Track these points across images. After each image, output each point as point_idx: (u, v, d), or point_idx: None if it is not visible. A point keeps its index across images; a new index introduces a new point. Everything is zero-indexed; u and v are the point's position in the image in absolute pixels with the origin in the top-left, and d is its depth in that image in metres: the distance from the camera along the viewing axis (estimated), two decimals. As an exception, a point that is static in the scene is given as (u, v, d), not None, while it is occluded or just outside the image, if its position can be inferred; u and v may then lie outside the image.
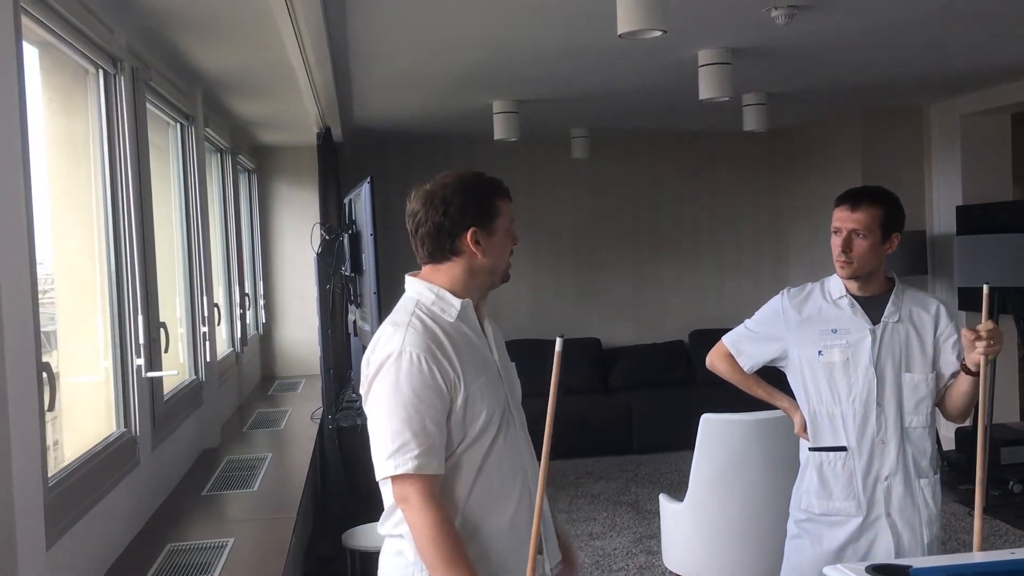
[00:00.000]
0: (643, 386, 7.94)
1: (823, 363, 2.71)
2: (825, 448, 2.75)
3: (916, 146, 7.22)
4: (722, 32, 4.39)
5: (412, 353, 1.97)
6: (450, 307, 2.09)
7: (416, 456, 1.93)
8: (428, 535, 1.93)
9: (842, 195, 2.74)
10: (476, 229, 2.09)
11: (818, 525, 2.76)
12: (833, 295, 2.76)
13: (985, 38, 4.82)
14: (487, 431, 2.06)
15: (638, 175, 8.31)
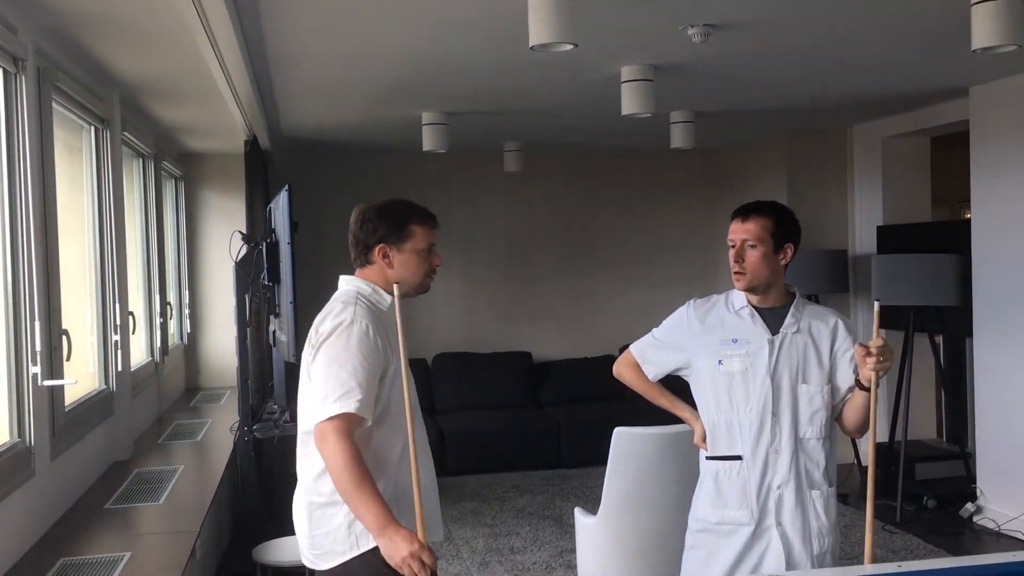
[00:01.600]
0: (573, 400, 7.95)
1: (723, 372, 2.75)
2: (721, 457, 2.78)
3: (840, 167, 7.38)
4: (642, 49, 4.43)
5: (363, 323, 2.40)
6: (383, 300, 2.53)
7: (358, 400, 2.32)
8: (341, 463, 2.27)
9: (735, 209, 2.79)
10: (384, 246, 2.53)
11: (713, 535, 2.79)
12: (735, 306, 2.80)
13: (902, 62, 4.95)
14: (408, 403, 2.41)
15: (572, 190, 8.36)
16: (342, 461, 2.27)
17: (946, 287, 5.80)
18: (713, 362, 2.76)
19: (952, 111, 6.11)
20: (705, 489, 2.82)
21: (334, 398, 2.31)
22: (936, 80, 5.49)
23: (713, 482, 2.78)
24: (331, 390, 2.32)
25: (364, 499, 2.26)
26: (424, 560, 2.25)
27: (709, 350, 2.77)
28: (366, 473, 2.29)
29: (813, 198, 7.35)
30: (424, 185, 8.08)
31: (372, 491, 2.28)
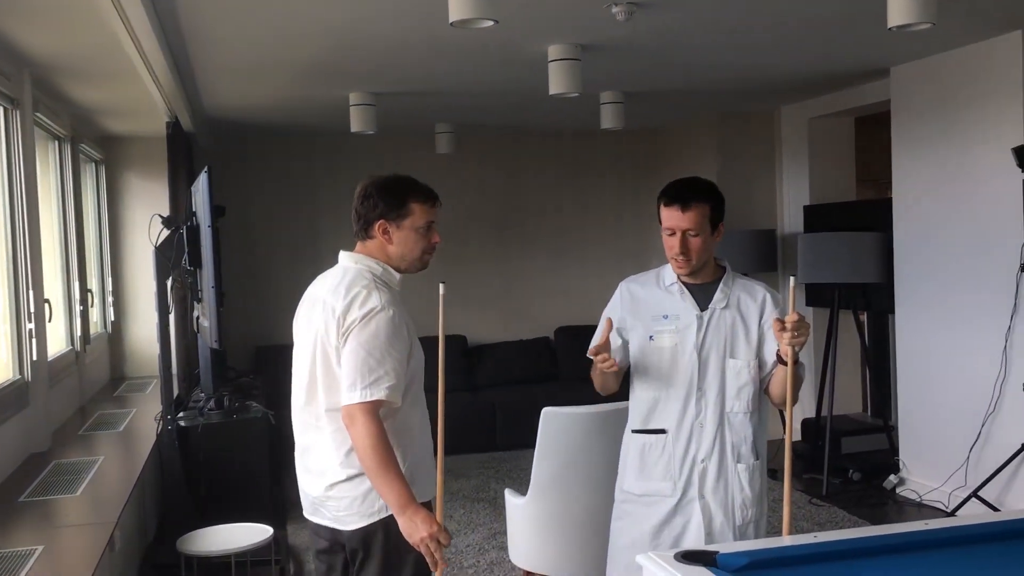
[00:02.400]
0: (508, 383, 7.95)
1: (654, 347, 2.78)
2: (647, 431, 2.82)
3: (768, 148, 7.48)
4: (568, 28, 4.41)
5: (390, 310, 2.50)
6: (393, 277, 2.63)
7: (388, 387, 2.44)
8: (369, 444, 2.40)
9: (669, 194, 2.74)
10: (384, 222, 2.60)
11: (637, 506, 2.84)
12: (666, 282, 2.82)
13: (826, 43, 5.01)
14: (422, 381, 2.63)
15: (505, 172, 8.32)
16: (370, 443, 2.41)
17: (869, 265, 5.92)
18: (645, 337, 2.80)
19: (875, 91, 6.22)
20: (631, 461, 2.86)
21: (363, 384, 2.43)
22: (859, 60, 5.57)
23: (639, 455, 2.83)
24: (361, 376, 2.44)
25: (388, 480, 2.41)
26: (441, 541, 2.40)
27: (643, 325, 2.81)
28: (391, 454, 2.43)
29: (742, 179, 7.44)
30: (355, 167, 7.96)
31: (395, 472, 2.42)
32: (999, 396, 5.03)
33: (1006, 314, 4.95)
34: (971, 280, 5.21)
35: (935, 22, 3.46)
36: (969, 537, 2.46)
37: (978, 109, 5.13)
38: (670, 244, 2.73)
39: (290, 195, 7.89)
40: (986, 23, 4.72)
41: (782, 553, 2.37)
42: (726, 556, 2.31)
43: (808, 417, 6.73)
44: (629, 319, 2.84)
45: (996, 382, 5.03)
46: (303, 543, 5.20)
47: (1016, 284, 4.87)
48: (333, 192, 7.95)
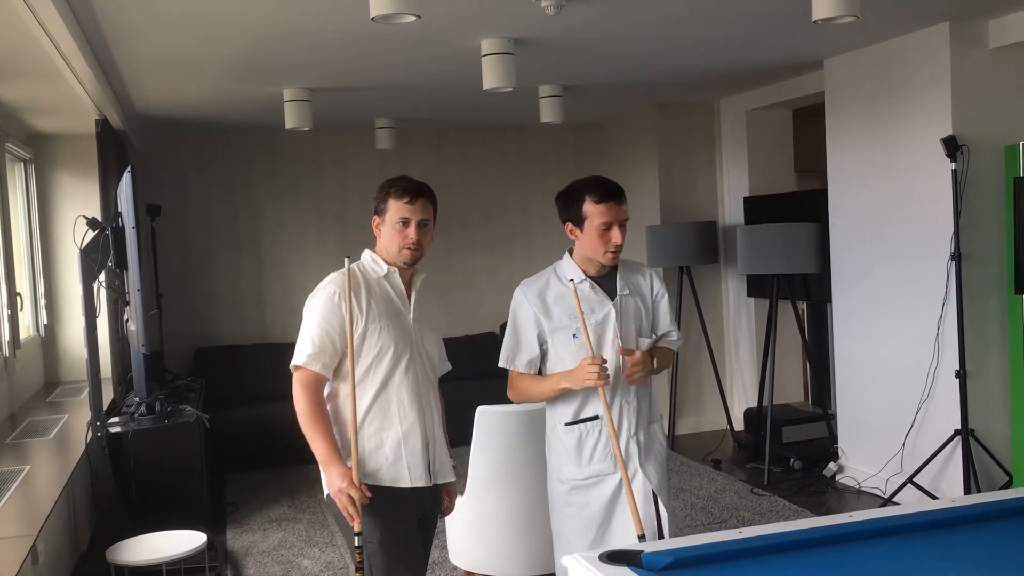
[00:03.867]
0: (453, 378, 7.84)
1: (578, 344, 2.87)
2: (581, 420, 2.93)
3: (708, 140, 7.51)
4: (499, 22, 4.37)
5: (331, 288, 2.77)
6: (379, 268, 2.86)
7: (308, 355, 2.72)
8: (301, 408, 2.71)
9: (601, 191, 2.89)
10: (376, 216, 2.88)
11: (583, 490, 2.94)
12: (575, 279, 2.91)
13: (760, 36, 5.03)
14: (384, 361, 2.76)
15: (447, 167, 8.25)
16: (302, 407, 2.71)
17: (807, 255, 5.98)
18: (567, 335, 2.88)
19: (810, 83, 6.27)
20: (567, 452, 2.95)
21: (296, 353, 2.75)
22: (793, 53, 5.61)
23: (576, 444, 2.93)
24: (297, 347, 2.76)
25: (313, 437, 2.69)
26: (352, 495, 2.63)
27: (562, 325, 2.89)
28: (320, 416, 2.71)
29: (684, 171, 7.46)
30: (295, 163, 7.87)
31: (322, 432, 2.69)
32: (932, 383, 5.11)
33: (938, 303, 5.03)
34: (904, 269, 5.28)
35: (859, 15, 3.48)
36: (891, 528, 2.47)
37: (909, 100, 5.19)
38: (608, 237, 2.87)
39: (229, 193, 7.75)
40: (914, 15, 4.77)
41: (707, 551, 2.36)
42: (650, 556, 2.30)
43: (750, 407, 6.78)
44: (546, 322, 2.91)
45: (929, 370, 5.11)
46: (243, 548, 5.12)
47: (947, 273, 4.95)
48: (273, 189, 7.83)
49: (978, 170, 4.85)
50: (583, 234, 2.89)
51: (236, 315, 7.74)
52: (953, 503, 2.63)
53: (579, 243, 2.93)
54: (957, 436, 4.91)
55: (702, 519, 5.25)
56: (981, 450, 4.92)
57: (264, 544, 5.17)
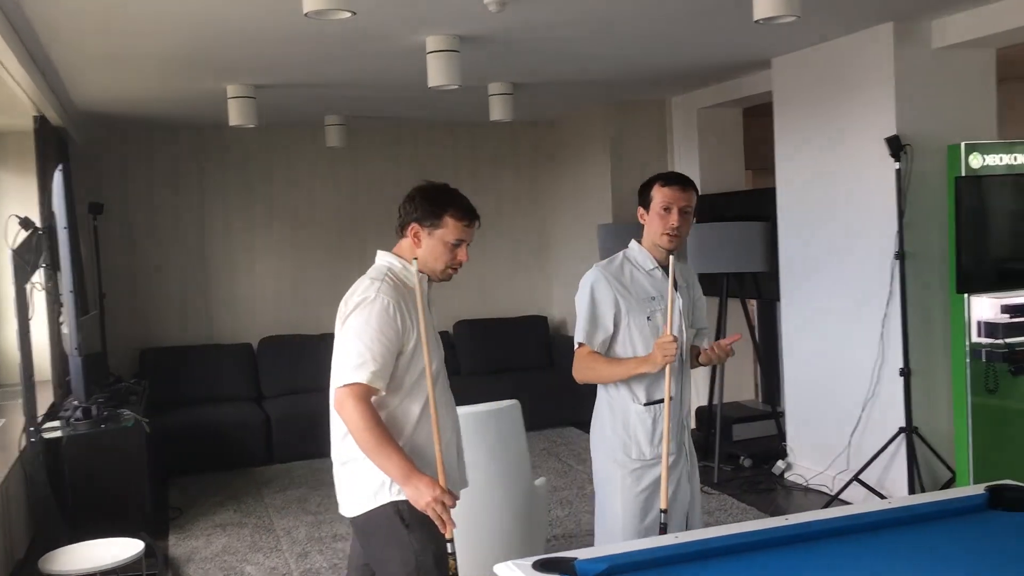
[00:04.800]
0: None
1: (652, 326, 3.03)
2: (656, 401, 3.05)
3: (660, 138, 7.51)
4: (444, 19, 4.32)
5: (384, 299, 2.60)
6: (412, 276, 2.70)
7: (372, 371, 2.55)
8: (362, 425, 2.53)
9: (668, 177, 3.08)
10: (417, 226, 2.71)
11: (651, 469, 3.05)
12: (646, 266, 3.08)
13: (707, 34, 5.02)
14: (438, 376, 2.70)
15: (399, 165, 8.17)
16: (363, 424, 2.53)
17: (756, 254, 5.99)
18: (643, 318, 3.04)
19: (759, 82, 6.29)
20: (644, 431, 3.05)
21: (351, 367, 2.56)
22: (741, 52, 5.62)
23: (652, 423, 3.04)
24: (349, 360, 2.57)
25: (387, 454, 2.53)
26: (445, 502, 2.55)
27: (638, 307, 3.04)
28: (385, 431, 2.56)
29: (636, 169, 7.43)
30: (243, 161, 7.74)
31: (393, 447, 2.55)
32: (877, 381, 5.14)
33: (883, 301, 5.06)
34: (850, 268, 5.32)
35: (799, 15, 3.47)
36: (826, 531, 2.47)
37: (854, 100, 5.22)
38: (667, 220, 3.01)
39: (175, 191, 7.60)
40: (858, 15, 4.79)
41: (641, 556, 2.34)
42: (584, 563, 2.27)
43: (701, 406, 6.80)
44: (623, 303, 3.03)
45: (875, 368, 5.15)
46: (185, 554, 5.02)
47: (892, 272, 4.98)
48: (221, 187, 7.69)
49: (921, 169, 4.89)
50: (648, 216, 3.04)
51: (182, 316, 7.59)
52: (888, 504, 2.64)
53: (645, 227, 3.08)
54: (901, 434, 4.94)
55: (651, 519, 5.24)
56: (925, 447, 4.96)
57: (207, 550, 5.06)
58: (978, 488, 2.70)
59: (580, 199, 7.89)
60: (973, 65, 5.07)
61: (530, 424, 7.58)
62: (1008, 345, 4.56)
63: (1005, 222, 4.86)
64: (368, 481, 2.64)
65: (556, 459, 6.64)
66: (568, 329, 8.36)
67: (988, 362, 4.61)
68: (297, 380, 7.47)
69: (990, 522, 2.55)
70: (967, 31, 4.80)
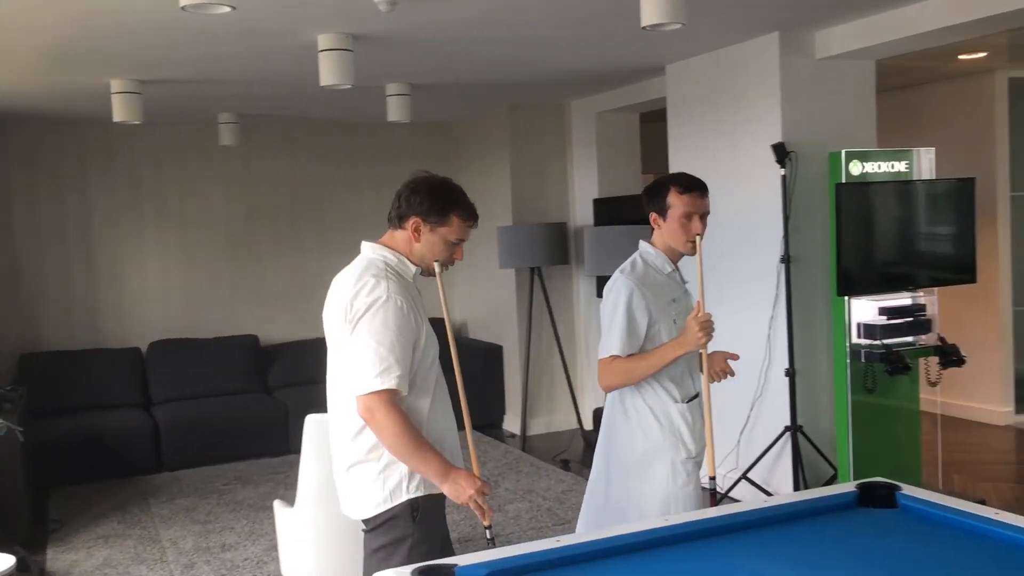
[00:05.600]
0: (305, 383, 7.68)
1: (678, 328, 3.07)
2: (691, 399, 3.15)
3: (560, 142, 7.57)
4: (334, 17, 4.24)
5: (397, 300, 2.56)
6: (408, 270, 2.69)
7: (398, 376, 2.52)
8: (397, 431, 2.51)
9: (686, 183, 3.11)
10: (419, 220, 2.67)
11: (695, 464, 3.13)
12: (665, 270, 3.14)
13: (602, 40, 5.06)
14: (435, 364, 2.70)
15: (297, 165, 8.02)
16: (397, 430, 2.51)
17: (651, 257, 6.07)
18: (670, 321, 3.08)
19: (655, 88, 6.39)
20: (688, 428, 3.10)
21: (375, 374, 2.51)
22: (637, 58, 5.70)
23: (693, 419, 3.12)
24: (371, 366, 2.51)
25: (424, 457, 2.55)
26: (485, 492, 2.61)
27: (665, 311, 3.08)
28: (419, 435, 2.56)
29: (535, 172, 7.50)
30: (131, 159, 7.47)
31: (429, 449, 2.56)
32: (765, 382, 5.28)
33: (770, 303, 5.20)
34: (740, 271, 5.44)
35: (685, 23, 3.53)
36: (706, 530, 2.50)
37: (742, 107, 5.35)
38: (689, 228, 3.06)
39: (59, 188, 7.28)
40: (746, 24, 4.91)
41: (522, 561, 2.32)
42: (465, 569, 2.25)
43: (598, 406, 6.87)
44: (654, 311, 3.06)
45: (762, 368, 5.28)
46: (63, 568, 4.81)
47: (778, 275, 5.12)
48: (107, 186, 7.41)
49: (806, 175, 5.04)
50: (665, 224, 3.07)
51: (66, 319, 7.28)
52: (764, 503, 2.69)
53: (661, 232, 3.10)
54: (787, 432, 5.09)
55: (547, 521, 5.27)
56: (809, 446, 5.11)
57: (88, 563, 4.86)
58: (850, 486, 2.78)
59: (480, 201, 7.74)
60: (854, 75, 5.26)
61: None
62: (885, 346, 4.74)
63: (883, 227, 5.04)
64: (383, 481, 2.62)
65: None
66: (469, 332, 8.35)
67: (867, 362, 4.78)
68: (188, 385, 7.25)
69: (859, 519, 2.63)
70: (848, 42, 4.97)
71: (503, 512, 5.45)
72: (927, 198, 5.07)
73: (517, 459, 6.68)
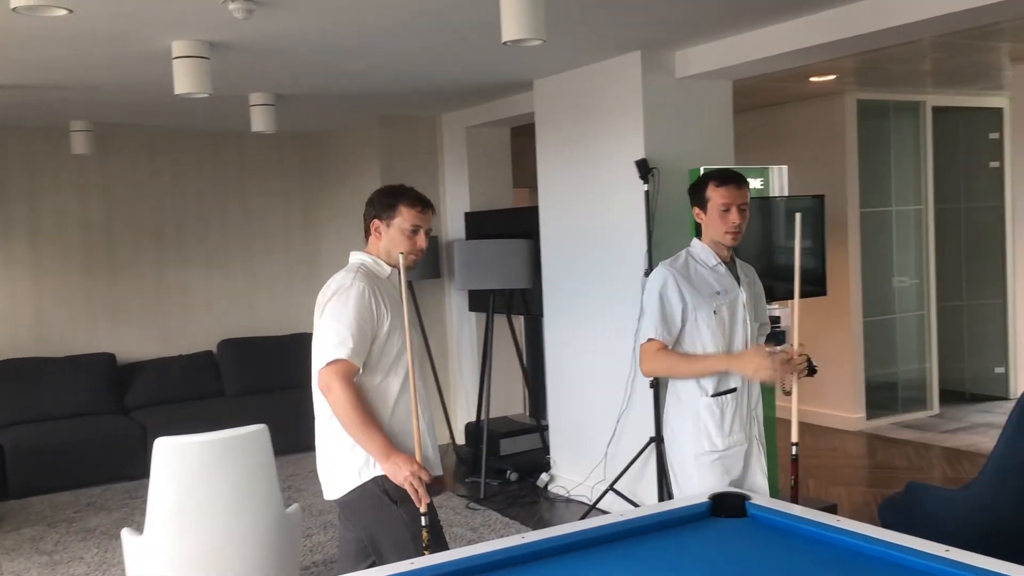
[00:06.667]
0: (166, 402, 7.37)
1: (718, 320, 3.16)
2: (723, 392, 3.18)
3: (431, 155, 7.53)
4: (189, 23, 4.09)
5: (360, 285, 2.87)
6: (383, 269, 2.99)
7: (351, 349, 2.79)
8: (347, 405, 2.77)
9: (722, 176, 3.20)
10: (377, 220, 2.98)
11: (723, 459, 3.18)
12: (709, 263, 3.22)
13: (469, 54, 5.05)
14: (404, 358, 2.90)
15: (158, 176, 7.70)
16: (348, 403, 2.76)
17: (521, 271, 6.11)
18: (709, 312, 3.16)
19: (524, 103, 6.43)
20: (714, 422, 3.17)
21: (332, 346, 2.79)
22: (505, 72, 5.72)
23: (721, 414, 3.18)
24: (329, 340, 2.80)
25: (369, 434, 2.78)
26: (422, 477, 2.78)
27: (705, 302, 3.16)
28: (368, 412, 2.80)
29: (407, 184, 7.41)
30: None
31: (375, 427, 2.80)
32: (630, 393, 5.36)
33: (635, 316, 5.27)
34: (606, 284, 5.52)
35: (545, 39, 3.55)
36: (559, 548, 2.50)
37: (607, 123, 5.44)
38: (728, 218, 3.14)
39: None
40: (609, 42, 4.99)
41: None
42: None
43: (470, 421, 6.84)
44: (691, 299, 3.14)
45: (628, 380, 5.36)
46: None
47: (642, 288, 5.20)
48: (-54, 195, 6.94)
49: (667, 191, 5.15)
50: (707, 216, 3.17)
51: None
52: (620, 517, 2.71)
53: (705, 226, 3.20)
54: (651, 443, 5.18)
55: (415, 538, 5.19)
56: (673, 455, 5.21)
57: (-83, 603, 4.51)
58: (703, 497, 2.83)
59: (349, 215, 7.75)
60: (713, 94, 5.42)
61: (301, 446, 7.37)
62: (743, 357, 4.87)
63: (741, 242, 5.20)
64: (351, 461, 2.86)
65: (323, 481, 6.46)
66: (340, 346, 8.19)
67: (727, 373, 4.90)
68: (37, 407, 6.86)
69: (711, 529, 2.68)
70: (706, 63, 5.12)
71: (371, 531, 5.34)
72: (783, 214, 5.27)
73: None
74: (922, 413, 7.62)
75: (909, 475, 5.85)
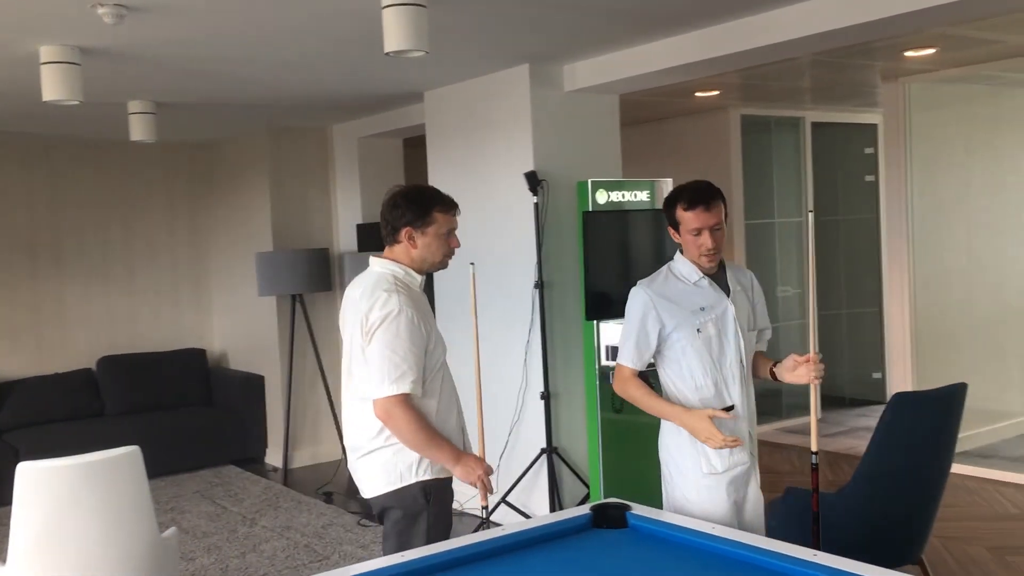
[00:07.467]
0: (41, 422, 7.03)
1: (703, 338, 3.03)
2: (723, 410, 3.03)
3: (322, 166, 7.42)
4: (57, 27, 3.92)
5: (408, 312, 2.85)
6: (415, 280, 2.97)
7: (412, 381, 2.85)
8: (414, 427, 2.85)
9: (689, 198, 2.99)
10: (410, 229, 2.93)
11: (722, 479, 3.04)
12: (690, 279, 3.07)
13: (356, 64, 4.99)
14: (442, 366, 3.02)
15: (32, 186, 7.34)
16: (414, 426, 2.84)
17: (412, 283, 6.05)
18: (692, 331, 3.03)
19: (415, 114, 6.40)
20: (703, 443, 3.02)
21: (391, 380, 2.82)
22: (396, 83, 5.68)
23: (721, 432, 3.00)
24: (387, 373, 2.82)
25: (437, 447, 2.90)
26: (490, 472, 2.99)
27: (687, 320, 3.03)
28: (431, 428, 2.90)
29: (297, 196, 7.30)
30: None
31: (440, 439, 2.92)
32: (522, 405, 5.37)
33: (527, 328, 5.30)
34: (498, 296, 5.52)
35: (428, 51, 3.53)
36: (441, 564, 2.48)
37: (497, 135, 5.45)
38: (699, 242, 3.00)
39: None
40: (497, 55, 5.01)
41: None
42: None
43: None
44: (669, 320, 3.03)
45: (520, 392, 5.37)
46: None
47: (532, 301, 5.23)
48: None
49: (557, 203, 5.20)
50: (680, 238, 3.06)
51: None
52: (502, 531, 2.70)
53: (682, 245, 3.08)
54: (543, 454, 5.19)
55: (304, 558, 5.07)
56: (564, 466, 5.24)
57: None
58: (585, 508, 2.85)
59: (239, 226, 7.57)
60: (600, 108, 5.50)
61: (186, 465, 7.16)
62: (632, 367, 4.94)
63: (628, 253, 5.29)
64: (394, 465, 2.93)
65: (210, 502, 6.26)
66: (229, 362, 7.97)
67: (615, 383, 4.96)
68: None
69: (592, 540, 2.70)
70: (593, 76, 5.19)
71: (257, 552, 5.20)
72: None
73: (277, 494, 6.42)
74: (805, 418, 7.88)
75: (792, 480, 6.03)
